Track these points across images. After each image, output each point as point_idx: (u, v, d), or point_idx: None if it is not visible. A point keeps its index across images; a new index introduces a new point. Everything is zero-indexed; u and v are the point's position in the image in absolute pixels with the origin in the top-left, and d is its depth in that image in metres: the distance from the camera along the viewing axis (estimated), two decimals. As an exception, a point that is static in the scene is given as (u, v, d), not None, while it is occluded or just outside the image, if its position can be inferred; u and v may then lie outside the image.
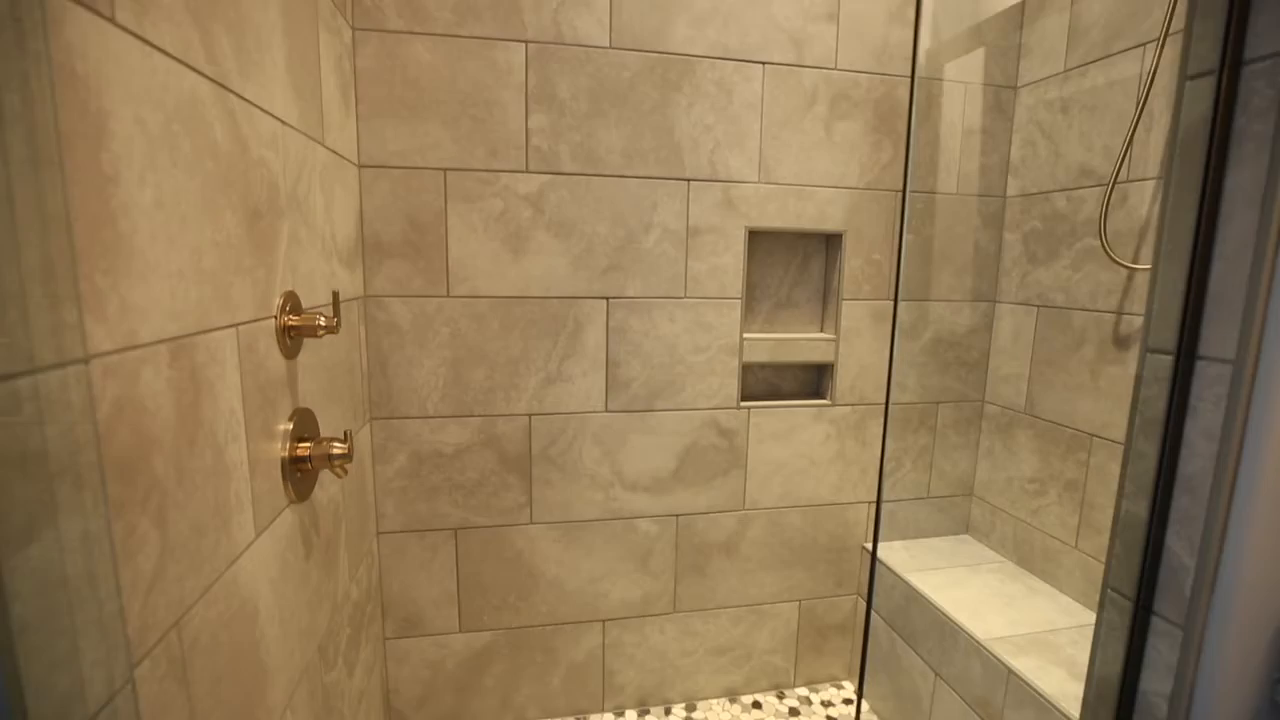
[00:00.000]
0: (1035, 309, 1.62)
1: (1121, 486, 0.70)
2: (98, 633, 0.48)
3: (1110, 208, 1.40)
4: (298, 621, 0.94)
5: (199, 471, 0.65)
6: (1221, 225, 0.59)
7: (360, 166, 1.34)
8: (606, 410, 1.55)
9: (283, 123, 0.91)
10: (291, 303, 0.91)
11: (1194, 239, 0.59)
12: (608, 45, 1.41)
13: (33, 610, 0.41)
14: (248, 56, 0.79)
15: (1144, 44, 1.35)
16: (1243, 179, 0.57)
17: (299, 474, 0.93)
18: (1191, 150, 0.59)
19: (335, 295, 0.91)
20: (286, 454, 0.89)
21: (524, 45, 1.38)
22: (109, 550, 0.50)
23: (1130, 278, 1.38)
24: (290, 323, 0.89)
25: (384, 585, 1.50)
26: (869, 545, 1.78)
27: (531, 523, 1.56)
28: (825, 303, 1.71)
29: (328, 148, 1.13)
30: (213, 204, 0.69)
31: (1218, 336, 0.59)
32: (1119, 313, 1.40)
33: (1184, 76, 0.60)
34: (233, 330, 0.74)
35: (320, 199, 1.08)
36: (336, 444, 0.94)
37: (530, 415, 1.51)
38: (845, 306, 1.65)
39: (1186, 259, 0.60)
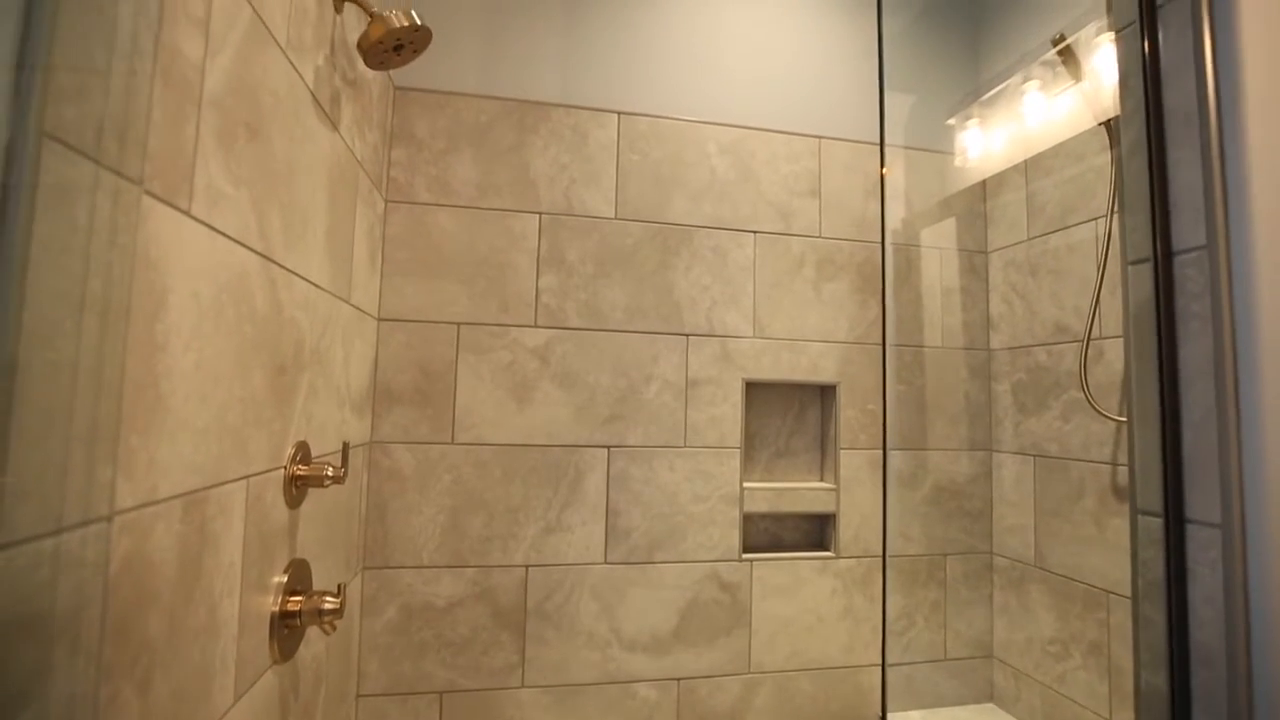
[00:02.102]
0: (1032, 458, 1.64)
1: (1137, 655, 0.68)
2: (61, 818, 0.45)
3: (1089, 362, 1.46)
4: (262, 805, 0.86)
5: (190, 630, 0.64)
6: (1184, 393, 0.63)
7: (380, 319, 1.43)
8: (605, 562, 1.51)
9: (316, 286, 0.99)
10: (302, 452, 0.94)
11: (1160, 406, 0.63)
12: (613, 216, 1.57)
13: (4, 791, 0.39)
14: (293, 232, 0.89)
15: (1095, 218, 1.50)
16: (1194, 352, 0.62)
17: (286, 630, 0.89)
18: (1143, 325, 0.65)
19: (345, 446, 0.94)
20: (277, 609, 0.87)
21: (538, 216, 1.53)
22: (90, 721, 0.48)
23: (1119, 429, 1.41)
24: (299, 472, 0.91)
25: (357, 760, 1.37)
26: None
27: (523, 686, 1.45)
28: (824, 452, 1.73)
29: (352, 304, 1.22)
30: (244, 363, 0.74)
31: (1201, 501, 0.61)
32: (1113, 464, 1.42)
33: (1125, 261, 0.68)
34: (244, 482, 0.76)
35: (340, 352, 1.15)
36: (329, 598, 0.91)
37: (527, 566, 1.47)
38: (843, 456, 1.67)
39: (1157, 424, 0.63)
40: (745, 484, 1.62)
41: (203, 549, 0.66)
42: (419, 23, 1.03)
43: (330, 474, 0.93)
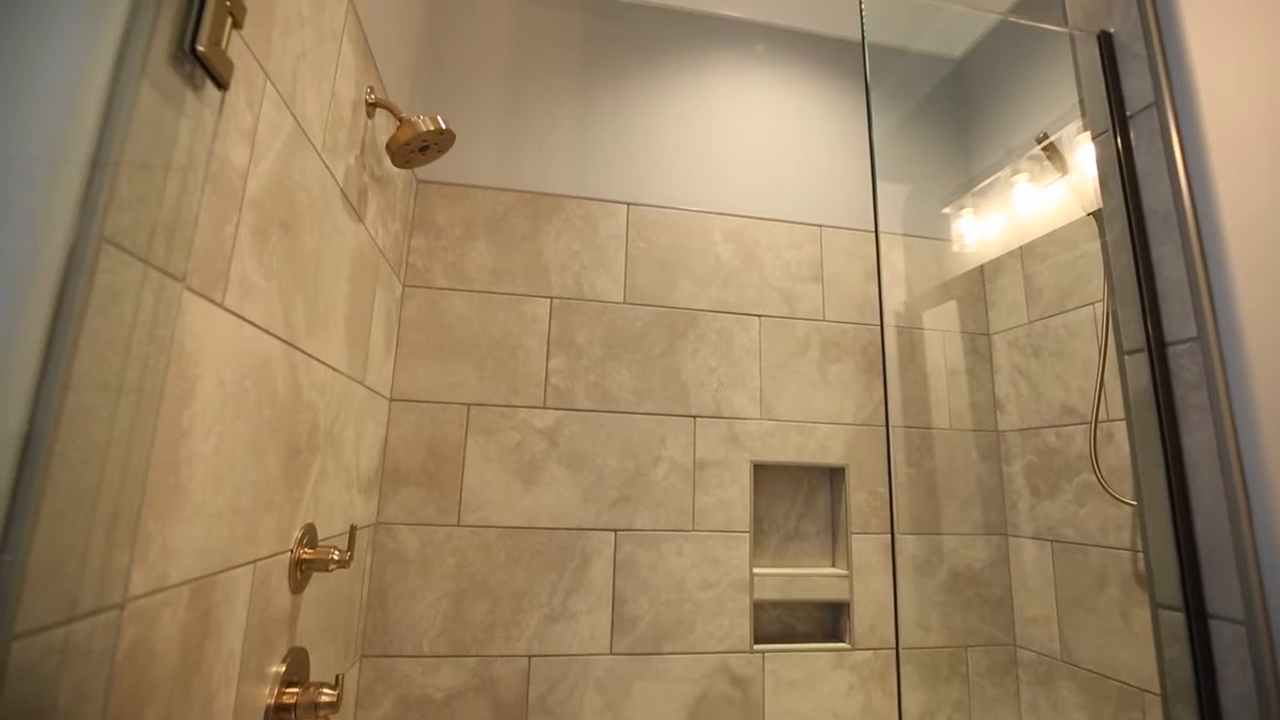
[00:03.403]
0: (1049, 543, 1.60)
1: (1172, 762, 0.64)
2: None
3: (1098, 445, 1.45)
4: None
5: (184, 725, 0.62)
6: (1190, 481, 0.63)
7: (391, 400, 1.46)
8: (611, 653, 1.45)
9: (333, 369, 1.02)
10: (309, 535, 0.93)
11: (1169, 494, 0.63)
12: (622, 301, 1.62)
13: None
14: (316, 319, 0.93)
15: (1092, 303, 1.53)
16: (1197, 441, 0.62)
17: (279, 726, 0.86)
18: (1144, 414, 0.66)
19: (352, 530, 0.94)
20: (273, 701, 0.84)
21: (549, 300, 1.58)
22: (78, 825, 0.46)
23: (1135, 514, 1.39)
24: (305, 556, 0.91)
25: None
26: (913, 829, 1.52)
27: (522, 791, 1.36)
28: (834, 536, 1.70)
29: (366, 386, 1.25)
30: (260, 446, 0.76)
31: (1221, 594, 0.60)
32: (1133, 550, 1.38)
33: (1121, 351, 0.70)
34: (251, 567, 0.75)
35: (352, 433, 1.17)
36: (325, 691, 0.88)
37: (530, 657, 1.42)
38: (855, 540, 1.63)
39: (1167, 513, 0.63)
40: (755, 570, 1.58)
41: (205, 637, 0.65)
42: (444, 126, 1.11)
43: (336, 558, 0.93)
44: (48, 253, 0.42)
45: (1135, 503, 1.36)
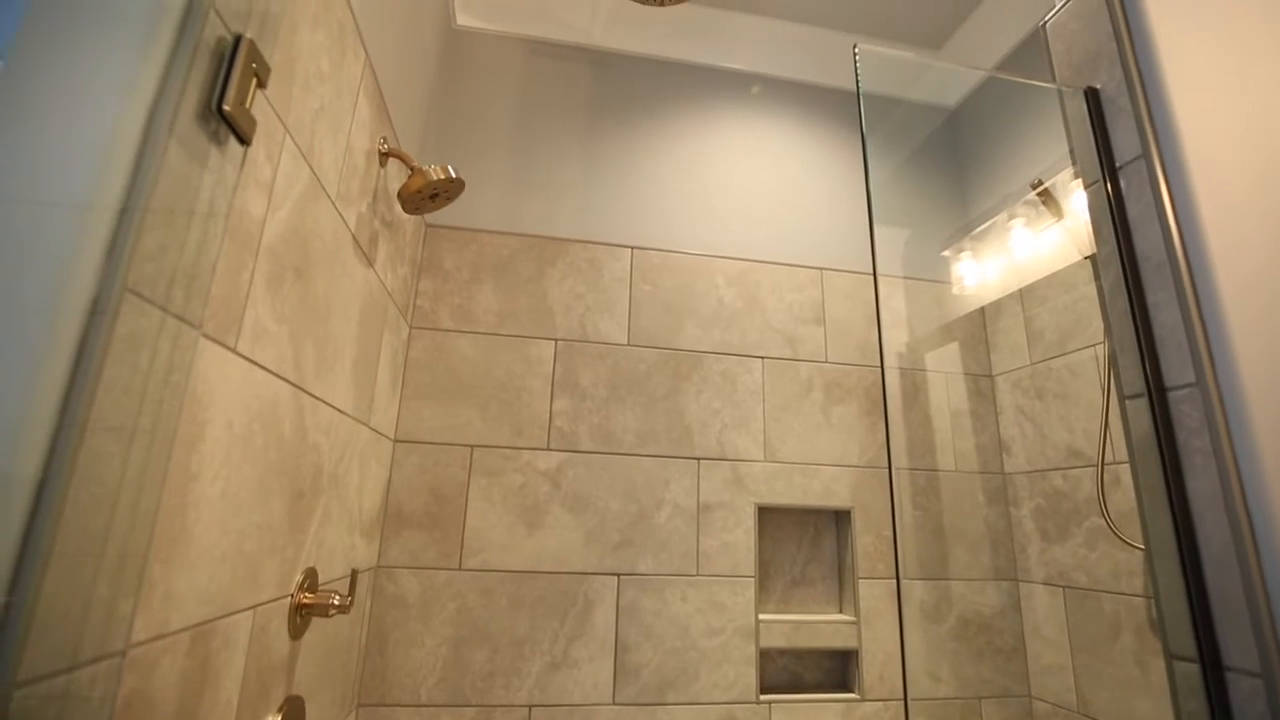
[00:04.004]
0: (1061, 589, 1.57)
1: (1195, 823, 0.62)
2: None
3: (1106, 488, 1.44)
4: None
5: (178, 779, 0.61)
6: (1198, 528, 0.63)
7: (395, 441, 1.46)
8: (613, 703, 1.41)
9: (339, 411, 1.03)
10: (310, 579, 0.93)
11: (1177, 540, 0.63)
12: (626, 343, 1.64)
13: None
14: (325, 362, 0.94)
15: (1093, 345, 1.54)
16: (1201, 486, 0.62)
17: (273, 780, 0.84)
18: (1147, 458, 0.66)
19: (354, 574, 0.93)
20: (266, 755, 0.82)
21: (554, 342, 1.60)
22: None
23: (1145, 559, 1.36)
24: (305, 600, 0.90)
25: None
26: None
27: None
28: (841, 581, 1.67)
29: (371, 427, 1.25)
30: (266, 489, 0.76)
31: (1236, 645, 0.59)
32: (1146, 596, 1.35)
33: (1122, 396, 0.71)
34: (251, 612, 0.75)
35: (356, 476, 1.17)
36: (322, 743, 0.86)
37: (530, 706, 1.38)
38: (862, 586, 1.61)
39: (1177, 561, 0.62)
40: (761, 616, 1.55)
41: (203, 686, 0.64)
42: (454, 175, 1.15)
43: (336, 603, 0.92)
44: (72, 300, 0.43)
45: (1144, 548, 1.34)
